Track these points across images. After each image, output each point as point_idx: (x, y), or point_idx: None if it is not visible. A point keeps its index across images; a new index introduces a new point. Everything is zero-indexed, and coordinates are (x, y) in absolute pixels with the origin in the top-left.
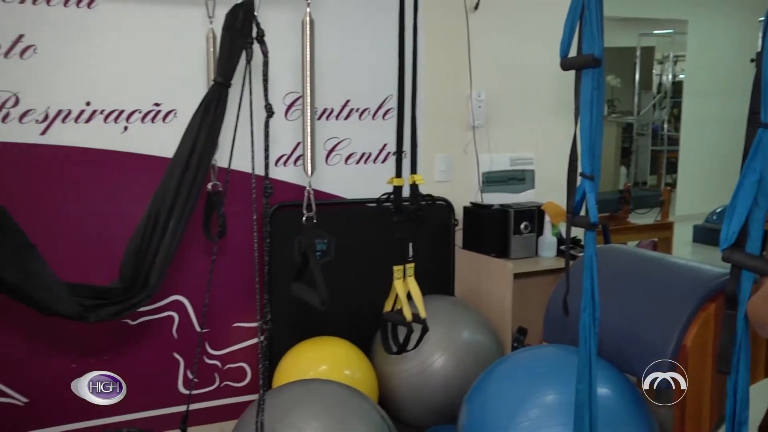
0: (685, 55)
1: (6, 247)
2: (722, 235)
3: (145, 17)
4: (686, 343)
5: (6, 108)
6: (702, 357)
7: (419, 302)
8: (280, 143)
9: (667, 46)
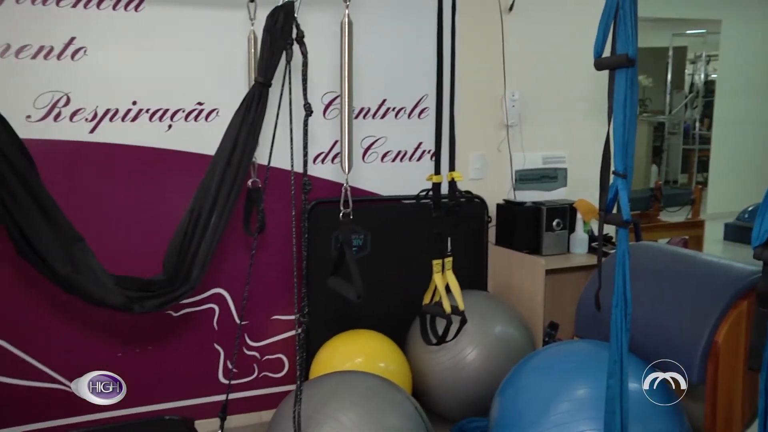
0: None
1: (57, 241)
2: (754, 233)
3: (189, 20)
4: (718, 339)
5: (58, 107)
6: (733, 354)
7: (458, 295)
8: (318, 141)
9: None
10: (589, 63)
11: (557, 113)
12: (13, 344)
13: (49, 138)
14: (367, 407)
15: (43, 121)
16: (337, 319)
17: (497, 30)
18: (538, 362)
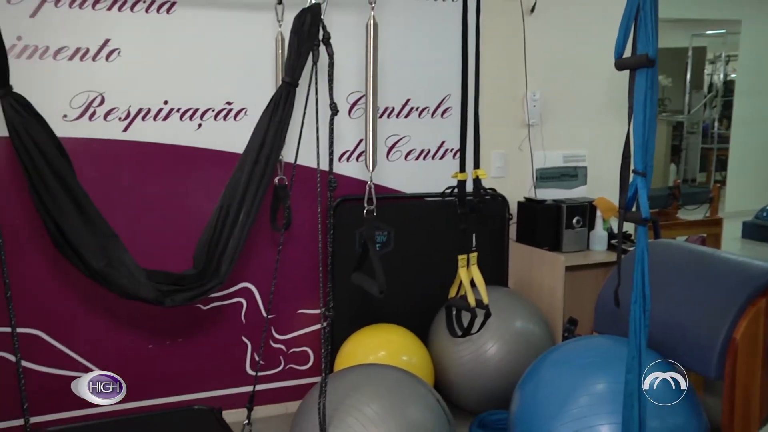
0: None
1: (92, 236)
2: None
3: (218, 22)
4: (736, 336)
5: (93, 107)
6: (752, 350)
7: (482, 289)
8: (344, 140)
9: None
10: (609, 63)
11: (578, 112)
12: (49, 334)
13: (84, 136)
14: (390, 399)
15: (78, 120)
16: (361, 313)
17: (519, 31)
18: (557, 357)
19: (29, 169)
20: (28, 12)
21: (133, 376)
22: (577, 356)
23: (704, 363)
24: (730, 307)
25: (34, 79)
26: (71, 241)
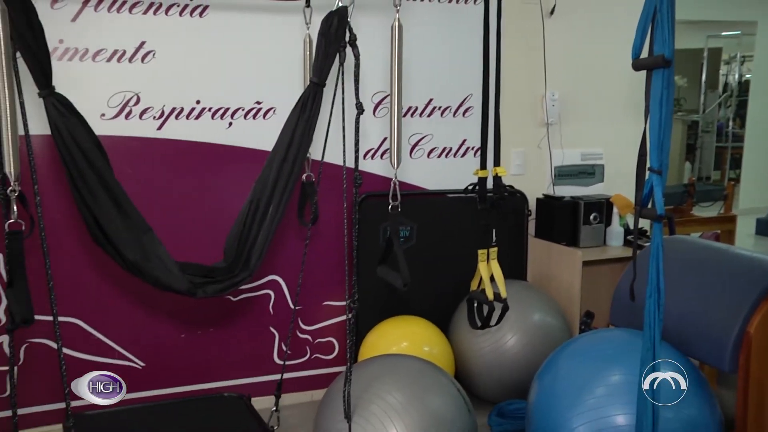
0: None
1: (128, 230)
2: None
3: (249, 24)
4: (750, 330)
5: (129, 106)
6: (765, 344)
7: (501, 283)
8: (368, 138)
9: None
10: (626, 64)
11: (595, 112)
12: (87, 323)
13: (120, 135)
14: (412, 388)
15: (115, 119)
16: (384, 305)
17: (539, 33)
18: (574, 349)
19: (70, 166)
20: (69, 16)
21: (165, 364)
22: (593, 348)
23: (718, 356)
24: (744, 301)
25: (75, 79)
26: (108, 234)
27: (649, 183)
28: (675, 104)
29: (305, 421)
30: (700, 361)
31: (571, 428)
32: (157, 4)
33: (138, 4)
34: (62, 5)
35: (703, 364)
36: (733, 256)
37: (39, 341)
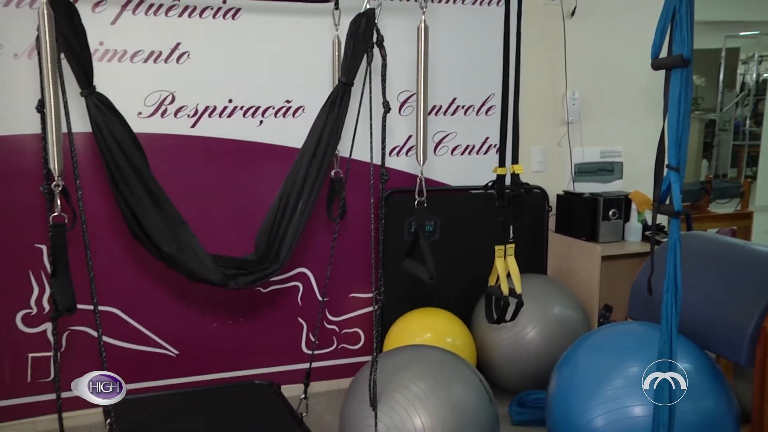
0: None
1: (164, 224)
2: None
3: (279, 26)
4: (766, 325)
5: (164, 105)
6: None
7: (517, 279)
8: (394, 136)
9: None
10: (645, 64)
11: (615, 111)
12: (124, 312)
13: (156, 132)
14: (435, 378)
15: (151, 117)
16: (409, 297)
17: (560, 34)
18: (593, 341)
19: (109, 162)
20: (109, 19)
21: (198, 352)
22: (611, 341)
23: (735, 350)
24: (761, 296)
25: (114, 79)
26: (145, 227)
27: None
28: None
29: (332, 409)
30: (717, 354)
31: (589, 419)
32: (192, 7)
33: (174, 7)
34: (103, 9)
35: (720, 358)
36: (749, 252)
37: (80, 329)
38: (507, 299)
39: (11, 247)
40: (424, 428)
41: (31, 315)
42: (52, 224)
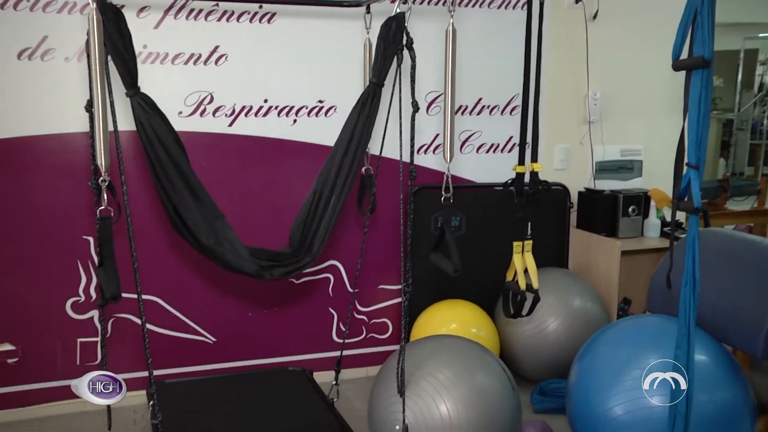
0: None
1: (203, 217)
2: None
3: (313, 29)
4: None
5: (203, 105)
6: None
7: (534, 275)
8: (422, 134)
9: None
10: (665, 65)
11: (635, 110)
12: (166, 301)
13: (196, 130)
14: (460, 366)
15: (191, 117)
16: (435, 289)
17: (583, 36)
18: (612, 333)
19: (152, 158)
20: (152, 24)
21: (234, 340)
22: (630, 333)
23: (752, 343)
24: None
25: (156, 80)
26: (185, 220)
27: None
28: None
29: (361, 395)
30: (734, 347)
31: (608, 408)
32: (230, 11)
33: (212, 12)
34: (146, 14)
35: (737, 350)
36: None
37: (124, 316)
38: (524, 294)
39: (62, 238)
40: (450, 415)
41: (79, 302)
42: (99, 217)
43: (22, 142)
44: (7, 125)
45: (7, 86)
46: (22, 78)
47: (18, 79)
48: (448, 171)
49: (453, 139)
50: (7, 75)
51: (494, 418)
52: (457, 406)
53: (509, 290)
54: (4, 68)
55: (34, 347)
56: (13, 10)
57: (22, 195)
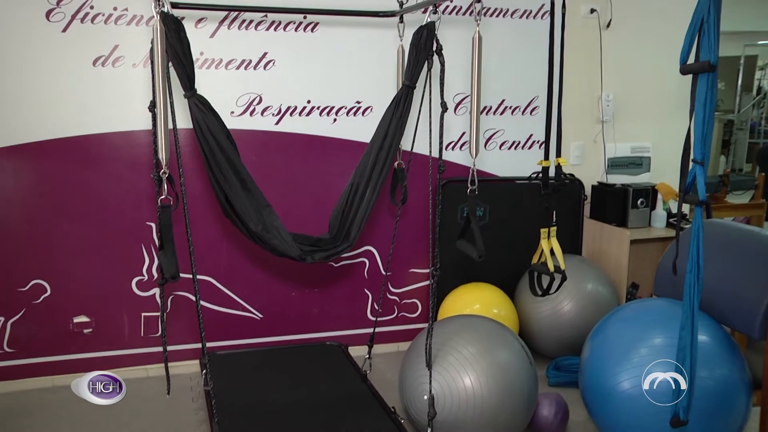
0: None
1: (251, 206)
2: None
3: (351, 37)
4: None
5: (253, 105)
6: None
7: (560, 257)
8: (450, 132)
9: None
10: (672, 69)
11: (644, 111)
12: (218, 281)
13: (246, 128)
14: (483, 343)
15: (242, 116)
16: (460, 273)
17: (597, 43)
18: (622, 315)
19: (207, 153)
20: (208, 33)
21: (278, 316)
22: (638, 315)
23: (749, 325)
24: None
25: (211, 83)
26: (236, 209)
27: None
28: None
29: (392, 368)
30: (732, 328)
31: (617, 382)
32: (277, 22)
33: (262, 22)
34: (203, 25)
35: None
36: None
37: (182, 294)
38: (553, 275)
39: (128, 224)
40: (473, 387)
41: (143, 281)
42: (160, 205)
43: (95, 138)
44: (82, 124)
45: (83, 89)
46: (95, 82)
47: (92, 83)
48: (474, 166)
49: (478, 136)
50: (84, 80)
51: (513, 391)
52: (479, 378)
53: (536, 271)
54: (81, 74)
55: (105, 320)
56: (91, 23)
57: (94, 185)
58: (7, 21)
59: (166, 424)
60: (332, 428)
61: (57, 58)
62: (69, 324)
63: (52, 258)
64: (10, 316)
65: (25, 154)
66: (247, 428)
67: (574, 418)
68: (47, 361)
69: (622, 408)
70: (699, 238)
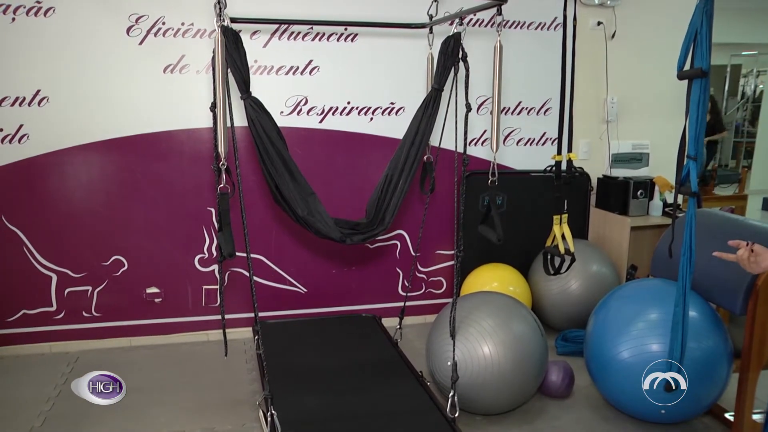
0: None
1: (298, 193)
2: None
3: (387, 46)
4: (758, 283)
5: (299, 106)
6: None
7: (570, 240)
8: (473, 130)
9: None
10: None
11: (644, 112)
12: (269, 259)
13: (293, 126)
14: (500, 316)
15: (290, 115)
16: (481, 254)
17: (602, 51)
18: (622, 293)
19: (259, 147)
20: (261, 44)
21: (320, 291)
22: (637, 293)
23: (732, 302)
24: None
25: (263, 87)
26: (284, 196)
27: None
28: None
29: (420, 338)
30: (718, 305)
31: (617, 352)
32: (321, 33)
33: (308, 33)
34: (257, 36)
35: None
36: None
37: (237, 270)
38: (564, 256)
39: (191, 209)
40: (491, 354)
41: (204, 258)
42: (219, 193)
43: (165, 135)
44: (153, 123)
45: (155, 93)
46: (165, 87)
47: (162, 87)
48: (494, 159)
49: (498, 134)
50: (155, 85)
51: (526, 358)
52: (497, 348)
53: (549, 253)
54: (153, 80)
55: (172, 291)
56: (162, 36)
57: (163, 175)
58: (94, 37)
59: (224, 381)
60: (366, 389)
61: (134, 67)
62: (143, 294)
63: (129, 237)
64: (96, 285)
65: (108, 148)
66: (293, 387)
67: (579, 383)
68: (125, 325)
69: (622, 374)
70: (692, 225)
